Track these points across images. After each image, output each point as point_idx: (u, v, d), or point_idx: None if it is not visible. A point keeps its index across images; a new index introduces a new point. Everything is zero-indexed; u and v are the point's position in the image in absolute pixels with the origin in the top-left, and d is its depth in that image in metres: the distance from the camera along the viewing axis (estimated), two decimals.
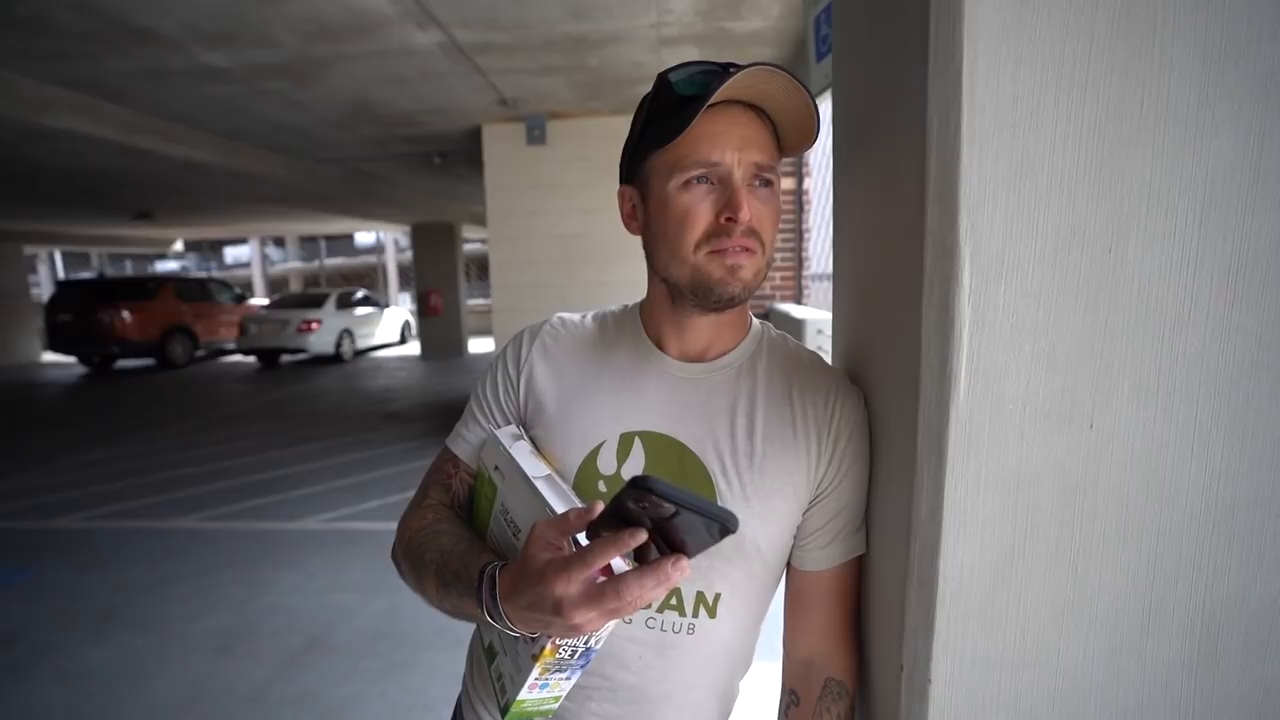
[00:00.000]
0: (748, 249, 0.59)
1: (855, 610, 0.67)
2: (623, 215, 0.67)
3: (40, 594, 3.01)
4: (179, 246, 16.89)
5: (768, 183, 0.60)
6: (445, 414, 6.51)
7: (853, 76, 0.71)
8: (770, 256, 0.62)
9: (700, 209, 0.58)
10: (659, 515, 0.43)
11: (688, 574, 0.44)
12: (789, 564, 0.67)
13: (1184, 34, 0.44)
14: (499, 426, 0.69)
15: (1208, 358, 0.48)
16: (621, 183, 0.67)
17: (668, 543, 0.44)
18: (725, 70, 0.57)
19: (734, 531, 0.43)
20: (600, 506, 0.46)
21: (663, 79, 0.59)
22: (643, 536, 0.44)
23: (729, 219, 0.57)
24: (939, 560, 0.51)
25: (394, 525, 0.71)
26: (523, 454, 0.62)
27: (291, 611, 2.77)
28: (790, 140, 0.61)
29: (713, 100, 0.55)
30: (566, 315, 0.74)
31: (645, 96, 0.62)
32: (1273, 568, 0.51)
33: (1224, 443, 0.49)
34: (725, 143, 0.58)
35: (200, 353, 11.05)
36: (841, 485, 0.63)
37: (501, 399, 0.70)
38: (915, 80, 0.50)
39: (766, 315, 4.64)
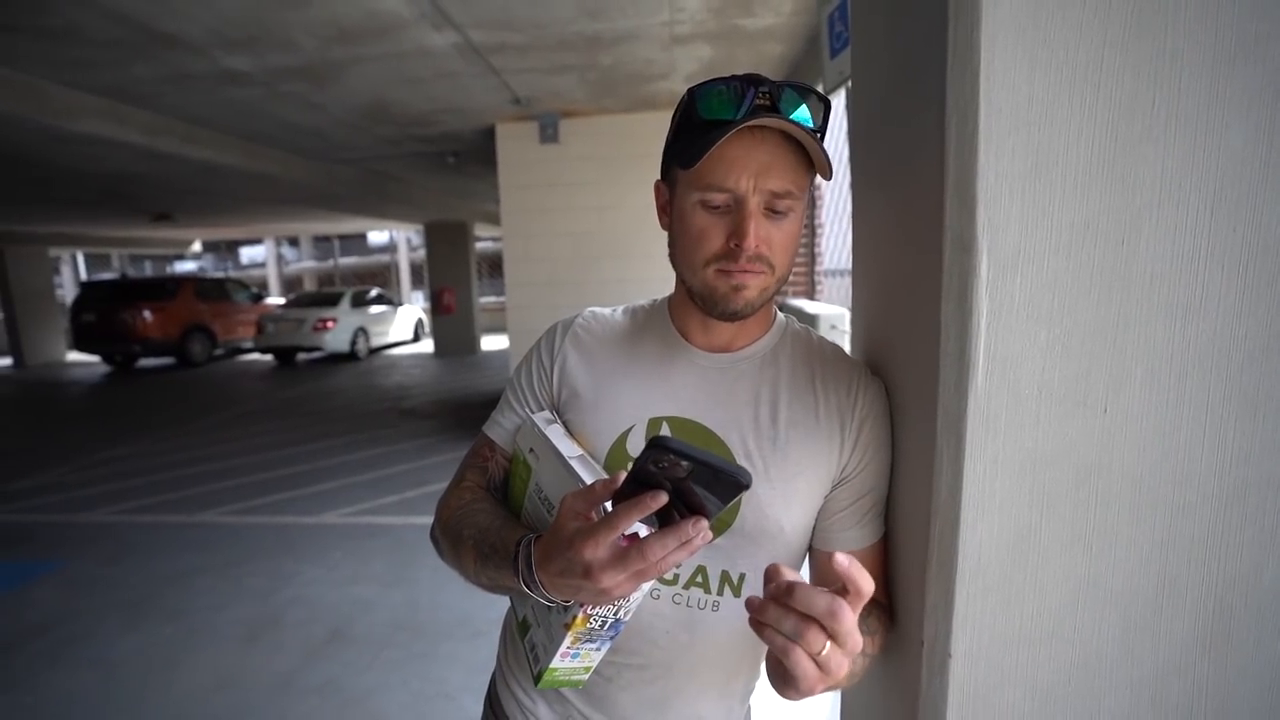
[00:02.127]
0: (753, 271, 0.61)
1: (884, 591, 0.68)
2: (657, 207, 0.70)
3: (71, 585, 3.10)
4: (196, 247, 17.15)
5: (787, 209, 0.60)
6: (460, 411, 6.58)
7: (871, 76, 0.73)
8: (783, 276, 0.63)
9: (712, 231, 0.61)
10: (676, 476, 0.45)
11: (708, 537, 0.47)
12: (814, 549, 0.69)
13: (1195, 34, 0.46)
14: (534, 412, 0.72)
15: (1219, 344, 0.50)
16: (661, 176, 0.69)
17: (687, 507, 0.47)
18: (750, 87, 0.58)
19: (747, 487, 0.44)
20: (624, 476, 0.49)
21: (689, 95, 0.61)
22: (663, 498, 0.46)
23: (736, 244, 0.59)
24: (958, 539, 0.54)
25: (413, 519, 0.74)
26: (557, 436, 0.66)
27: (314, 603, 2.84)
28: (819, 165, 0.62)
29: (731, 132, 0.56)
30: (598, 309, 0.77)
31: (681, 100, 0.64)
32: None
33: (1235, 426, 0.51)
34: (741, 168, 0.58)
35: (219, 351, 11.23)
36: (865, 471, 0.65)
37: (536, 387, 0.73)
38: (934, 80, 0.52)
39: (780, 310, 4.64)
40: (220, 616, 2.76)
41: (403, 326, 12.52)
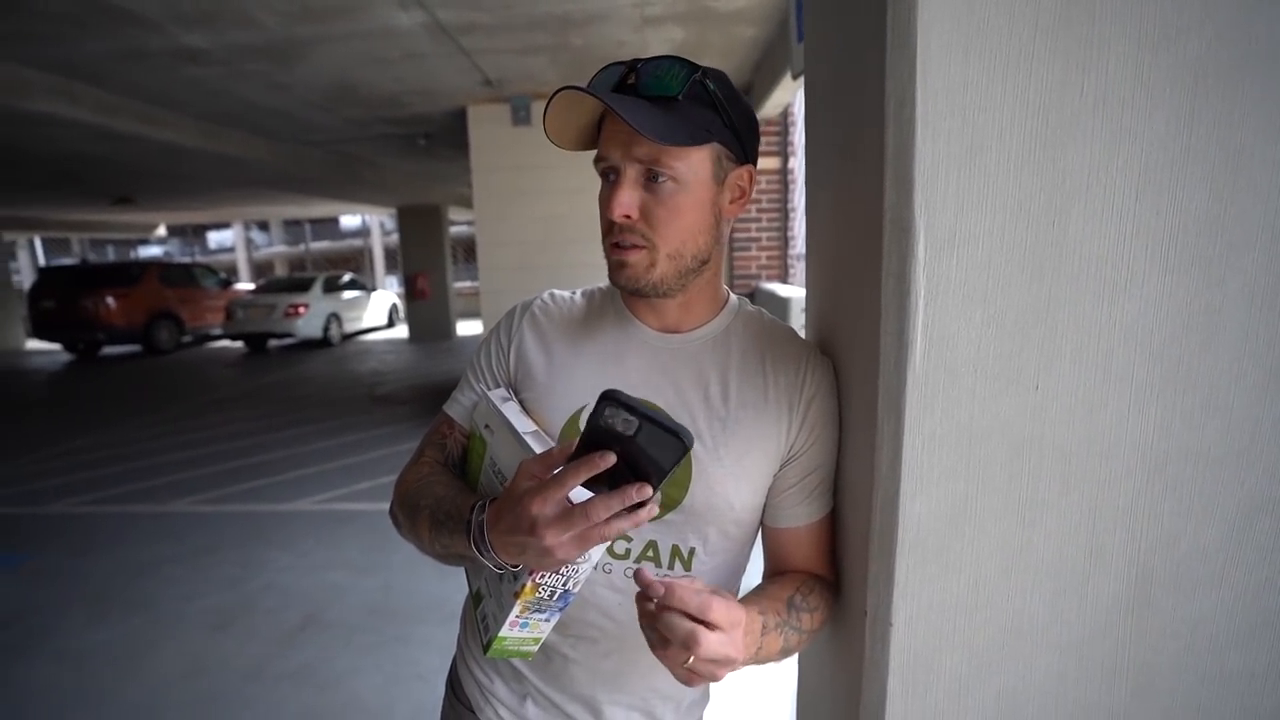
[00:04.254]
0: (633, 245, 0.62)
1: (831, 563, 0.71)
2: None
3: (37, 577, 3.03)
4: (161, 231, 16.63)
5: (667, 178, 0.61)
6: (435, 396, 6.53)
7: (822, 62, 0.74)
8: (676, 254, 0.63)
9: (604, 206, 0.64)
10: (625, 434, 0.47)
11: (654, 510, 0.49)
12: (765, 525, 0.71)
13: (1120, 22, 0.48)
14: (490, 390, 0.73)
15: (1143, 323, 0.52)
16: None
17: (635, 474, 0.48)
18: (624, 67, 0.61)
19: (689, 448, 0.46)
20: (579, 442, 0.50)
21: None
22: (611, 458, 0.47)
23: (607, 215, 0.62)
24: (898, 512, 0.56)
25: (386, 505, 0.75)
26: (512, 412, 0.67)
27: (287, 590, 2.82)
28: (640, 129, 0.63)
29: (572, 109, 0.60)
30: (557, 291, 0.79)
31: None
32: (1200, 515, 0.55)
33: (1158, 401, 0.54)
34: (613, 139, 0.61)
35: (187, 338, 10.95)
36: (812, 449, 0.67)
37: (494, 366, 0.75)
38: (875, 66, 0.53)
39: (753, 295, 4.68)
40: (191, 606, 2.73)
41: (376, 312, 12.34)
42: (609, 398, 0.46)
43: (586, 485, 0.50)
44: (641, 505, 0.49)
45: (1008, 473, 0.55)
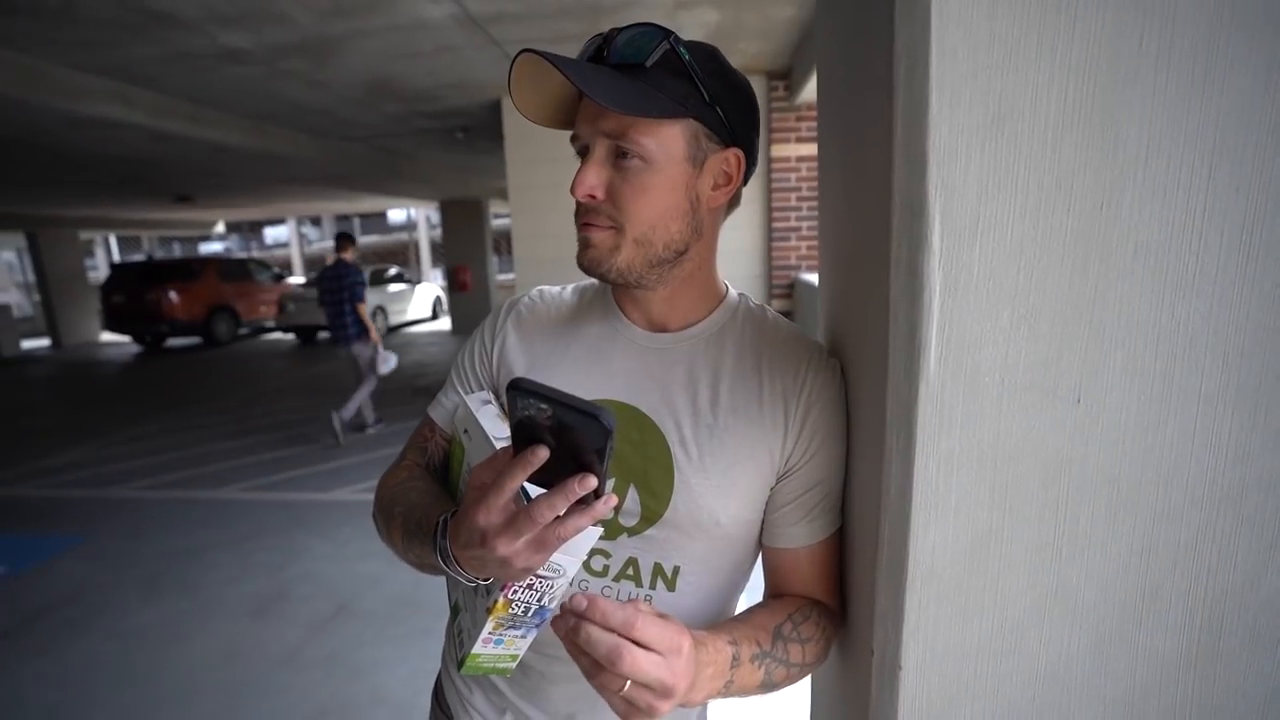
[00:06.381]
0: (597, 224, 0.58)
1: (836, 590, 0.64)
2: None
3: (96, 558, 3.20)
4: (220, 228, 17.42)
5: (634, 155, 0.56)
6: None
7: (830, 30, 0.66)
8: (644, 238, 0.57)
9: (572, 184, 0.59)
10: (547, 424, 0.43)
11: (612, 501, 0.45)
12: (763, 544, 0.65)
13: None
14: (472, 393, 0.69)
15: (1215, 325, 0.43)
16: None
17: (580, 464, 0.45)
18: (600, 37, 0.57)
19: (609, 427, 0.42)
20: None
21: None
22: (544, 452, 0.44)
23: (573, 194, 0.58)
24: (909, 542, 0.48)
25: None
26: (488, 417, 0.63)
27: (322, 579, 2.88)
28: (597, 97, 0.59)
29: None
30: (547, 288, 0.74)
31: None
32: None
33: (1232, 418, 0.45)
34: (584, 114, 0.58)
35: (243, 330, 11.43)
36: (813, 461, 0.60)
37: (477, 367, 0.71)
38: (884, 23, 0.45)
39: (791, 286, 4.53)
40: (233, 591, 2.82)
41: (421, 304, 12.60)
42: (515, 387, 0.43)
43: (549, 484, 0.46)
44: (598, 498, 0.45)
45: (1041, 501, 0.47)
